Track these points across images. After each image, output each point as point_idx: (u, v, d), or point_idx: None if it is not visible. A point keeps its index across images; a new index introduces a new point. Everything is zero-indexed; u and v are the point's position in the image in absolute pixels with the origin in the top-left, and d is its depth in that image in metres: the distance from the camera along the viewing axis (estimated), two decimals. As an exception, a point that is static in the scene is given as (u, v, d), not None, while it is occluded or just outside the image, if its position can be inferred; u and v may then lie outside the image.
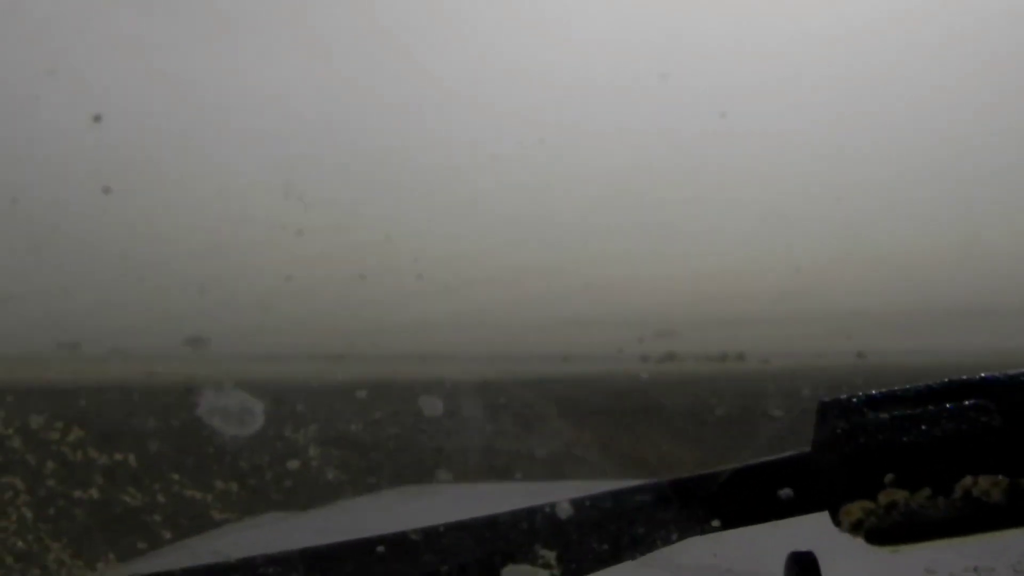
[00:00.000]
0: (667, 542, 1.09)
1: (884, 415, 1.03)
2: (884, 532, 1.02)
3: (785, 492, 1.10)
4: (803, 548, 1.84)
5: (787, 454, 1.14)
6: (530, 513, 1.08)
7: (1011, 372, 1.04)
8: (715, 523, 1.10)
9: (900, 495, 0.99)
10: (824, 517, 1.09)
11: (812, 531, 1.71)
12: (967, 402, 1.02)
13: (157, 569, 1.15)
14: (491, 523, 1.08)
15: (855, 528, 1.05)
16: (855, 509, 1.03)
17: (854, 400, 1.07)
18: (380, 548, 1.04)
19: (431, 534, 1.06)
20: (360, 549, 1.06)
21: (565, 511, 1.07)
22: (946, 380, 1.06)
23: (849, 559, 2.05)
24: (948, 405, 1.02)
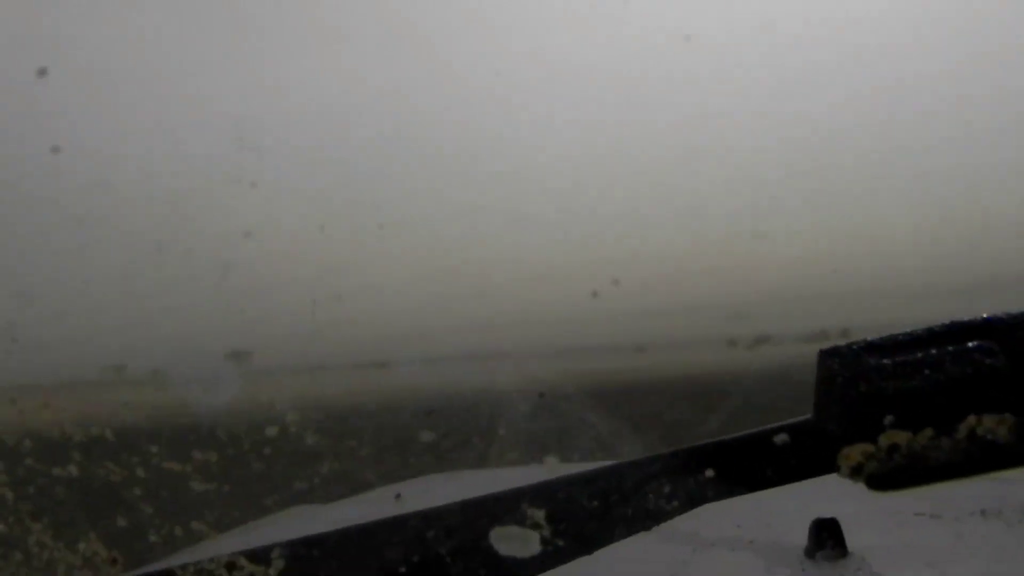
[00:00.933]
0: (662, 497, 1.05)
1: (886, 360, 1.01)
2: (885, 476, 0.99)
3: (781, 438, 1.06)
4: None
5: (786, 421, 1.11)
6: (519, 486, 1.06)
7: (1015, 312, 1.02)
8: (708, 473, 1.06)
9: (902, 437, 0.97)
10: (845, 491, 1.06)
11: (836, 504, 1.71)
12: (970, 344, 1.00)
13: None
14: (479, 497, 1.06)
15: (855, 472, 1.02)
16: (854, 453, 1.00)
17: (854, 347, 1.04)
18: (372, 527, 1.04)
19: (418, 512, 1.06)
20: (347, 530, 1.05)
21: (554, 472, 1.05)
22: (948, 322, 1.04)
23: (874, 523, 2.06)
24: (951, 348, 1.00)
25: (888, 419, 0.97)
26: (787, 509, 1.82)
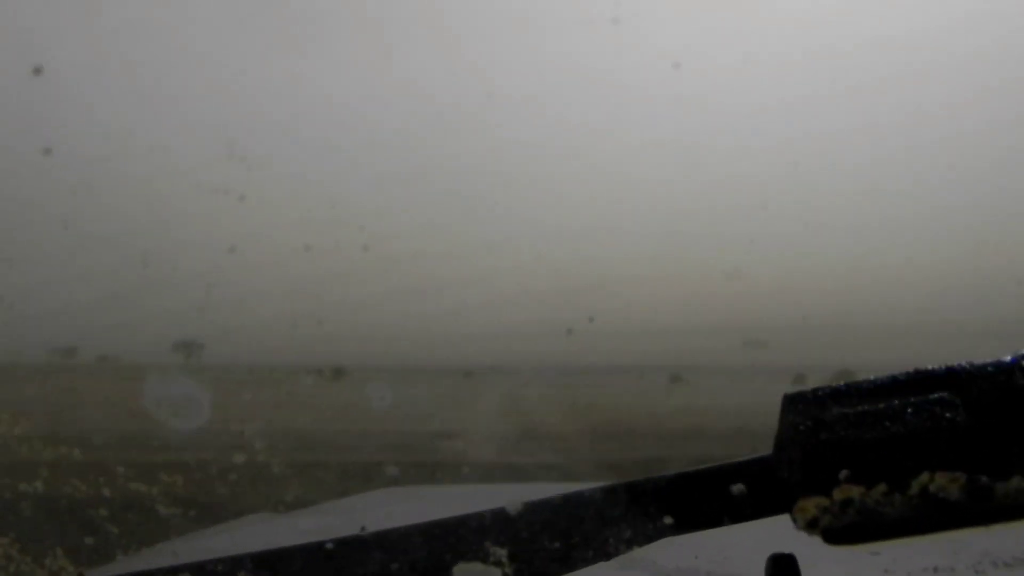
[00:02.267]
0: (621, 541, 1.06)
1: (847, 409, 1.02)
2: (840, 531, 1.01)
3: (738, 488, 1.07)
4: (784, 551, 1.87)
5: (747, 457, 1.12)
6: (480, 513, 1.07)
7: (977, 362, 1.03)
8: (667, 520, 1.07)
9: (855, 491, 0.98)
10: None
11: (793, 536, 1.73)
12: (933, 396, 1.01)
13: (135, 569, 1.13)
14: (442, 524, 1.06)
15: (810, 526, 1.03)
16: (810, 506, 1.01)
17: (819, 393, 1.04)
18: (329, 546, 1.04)
19: (381, 535, 1.06)
20: (310, 549, 1.05)
21: (515, 509, 1.06)
22: (912, 371, 1.04)
23: (830, 563, 2.08)
24: (913, 399, 1.01)
25: (843, 473, 0.98)
26: (745, 542, 1.85)
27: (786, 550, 2.04)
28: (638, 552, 1.07)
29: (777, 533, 1.95)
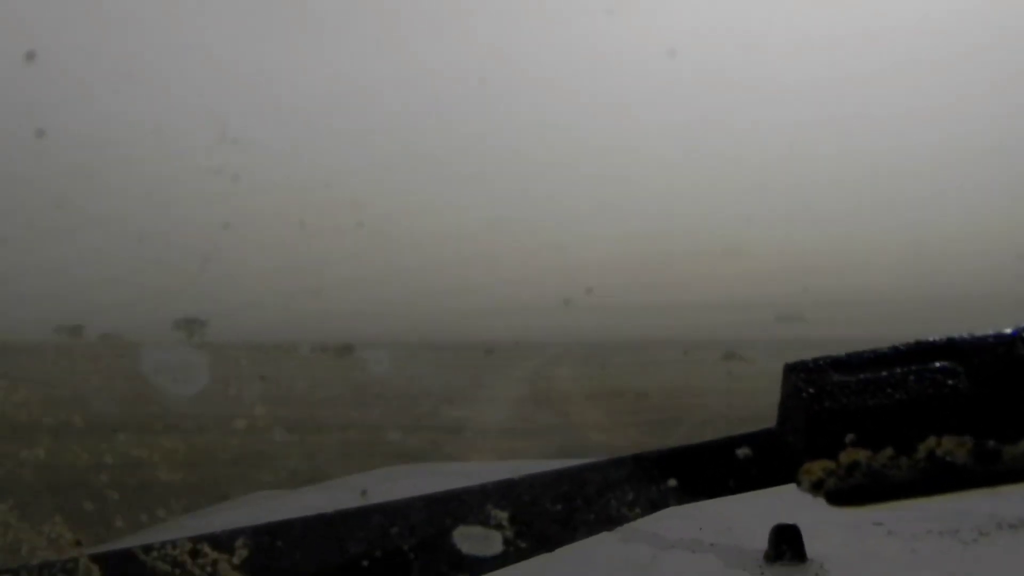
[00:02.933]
0: (624, 505, 1.05)
1: (849, 377, 1.01)
2: (845, 492, 0.99)
3: (743, 451, 1.07)
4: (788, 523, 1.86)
5: (751, 430, 1.12)
6: (484, 484, 1.06)
7: (978, 334, 1.03)
8: (671, 483, 1.06)
9: (862, 455, 0.97)
10: (806, 500, 1.07)
11: (796, 509, 1.72)
12: (935, 364, 1.00)
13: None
14: (444, 493, 1.06)
15: (815, 488, 1.02)
16: (815, 468, 1.00)
17: (820, 362, 1.03)
18: (330, 515, 1.03)
19: (383, 504, 1.05)
20: (310, 519, 1.05)
21: (518, 470, 1.06)
22: (913, 342, 1.04)
23: (833, 532, 2.08)
24: (915, 367, 1.00)
25: (849, 437, 0.97)
26: (749, 514, 1.84)
27: (789, 522, 2.04)
28: (642, 525, 1.05)
29: (780, 506, 1.95)
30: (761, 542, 1.82)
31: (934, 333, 1.06)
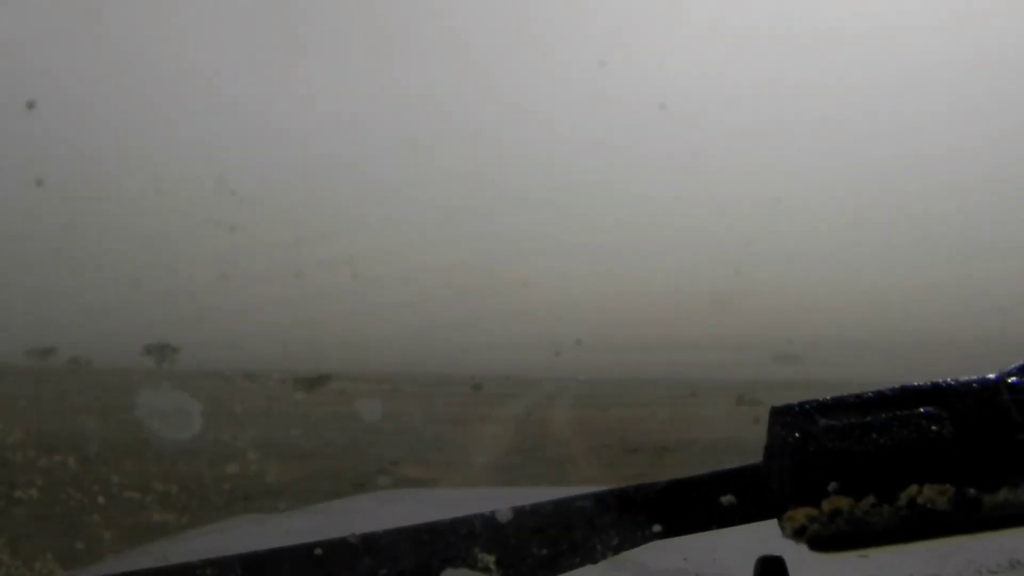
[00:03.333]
0: (609, 547, 1.06)
1: (834, 422, 1.02)
2: (827, 539, 1.00)
3: (727, 499, 1.08)
4: (773, 554, 1.88)
5: (736, 466, 1.13)
6: (470, 519, 1.07)
7: (962, 379, 1.04)
8: (656, 528, 1.07)
9: (844, 502, 0.98)
10: None
11: (782, 540, 1.74)
12: (920, 410, 1.02)
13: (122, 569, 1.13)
14: (431, 528, 1.07)
15: (798, 534, 1.03)
16: (799, 515, 1.01)
17: (806, 406, 1.05)
18: (318, 551, 1.04)
19: (370, 538, 1.06)
20: (298, 553, 1.06)
21: (505, 516, 1.06)
22: (898, 387, 1.05)
23: (818, 566, 2.09)
24: (899, 413, 1.02)
25: (832, 485, 0.99)
26: (734, 544, 1.86)
27: (775, 552, 2.05)
28: (627, 554, 1.07)
29: (766, 537, 1.97)
30: (746, 573, 1.84)
31: (920, 378, 1.07)
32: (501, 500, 1.13)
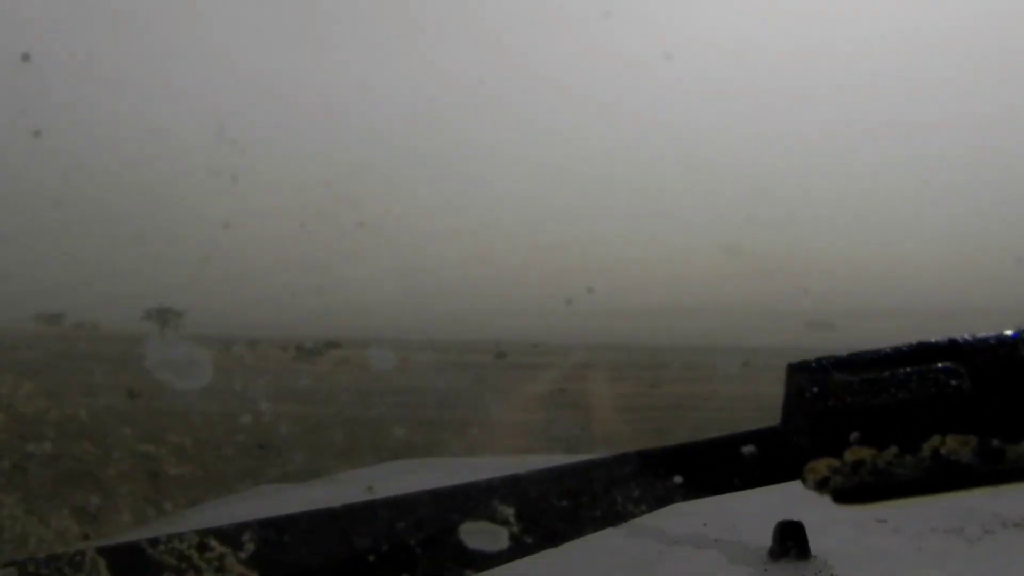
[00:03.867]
0: (630, 501, 1.05)
1: (852, 377, 1.02)
2: (850, 490, 1.00)
3: (748, 449, 1.07)
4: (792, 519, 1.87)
5: (755, 428, 1.12)
6: (490, 479, 1.06)
7: (980, 335, 1.05)
8: (676, 479, 1.07)
9: (867, 453, 0.97)
10: (810, 497, 1.08)
11: (801, 506, 1.73)
12: (937, 365, 1.01)
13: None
14: (451, 488, 1.05)
15: (820, 485, 1.02)
16: (821, 466, 1.00)
17: (823, 362, 1.04)
18: (336, 510, 1.04)
19: (390, 499, 1.06)
20: (316, 513, 1.05)
21: (524, 464, 1.07)
22: (915, 343, 1.05)
23: (837, 529, 2.08)
24: (918, 368, 1.01)
25: (854, 435, 0.98)
26: (753, 511, 1.84)
27: (794, 518, 2.05)
28: (647, 520, 1.06)
29: (785, 503, 1.96)
30: (765, 539, 1.81)
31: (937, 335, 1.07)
32: (529, 466, 1.12)
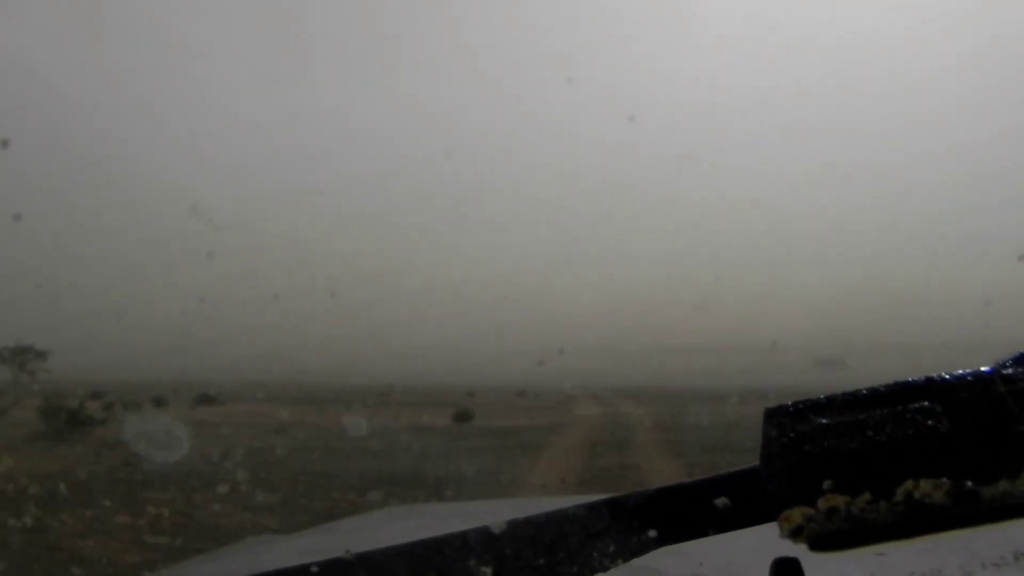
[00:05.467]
0: (606, 555, 1.05)
1: (829, 421, 1.02)
2: (825, 538, 0.99)
3: (722, 501, 1.08)
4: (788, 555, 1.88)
5: (732, 470, 1.12)
6: (463, 533, 1.06)
7: (956, 372, 1.04)
8: (651, 533, 1.07)
9: (840, 500, 0.98)
10: None
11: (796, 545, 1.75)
12: (914, 405, 1.01)
13: None
14: (426, 544, 1.06)
15: (795, 534, 1.02)
16: (795, 515, 0.99)
17: (800, 406, 1.04)
18: (314, 570, 1.04)
19: (366, 556, 1.06)
20: (296, 574, 1.05)
21: (499, 528, 1.05)
22: (891, 382, 1.05)
23: (836, 567, 2.09)
24: (894, 409, 1.01)
25: (827, 483, 0.98)
26: (748, 548, 1.87)
27: (791, 555, 2.06)
28: (641, 560, 1.07)
29: (781, 540, 1.97)
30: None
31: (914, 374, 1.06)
32: (504, 512, 1.12)
